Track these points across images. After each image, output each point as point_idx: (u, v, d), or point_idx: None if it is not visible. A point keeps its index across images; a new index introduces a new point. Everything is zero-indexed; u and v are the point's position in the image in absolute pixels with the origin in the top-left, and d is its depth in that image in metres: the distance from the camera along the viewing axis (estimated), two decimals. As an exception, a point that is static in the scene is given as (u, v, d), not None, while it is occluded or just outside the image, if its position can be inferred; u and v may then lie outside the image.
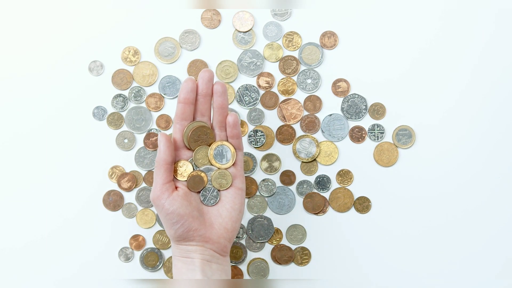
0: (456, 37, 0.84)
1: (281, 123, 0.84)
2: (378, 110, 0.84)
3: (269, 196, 0.84)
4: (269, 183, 0.84)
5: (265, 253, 0.84)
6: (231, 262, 0.84)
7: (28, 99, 0.85)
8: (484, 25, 0.84)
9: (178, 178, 0.72)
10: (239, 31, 0.84)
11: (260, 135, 0.84)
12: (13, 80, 0.85)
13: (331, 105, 0.84)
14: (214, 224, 0.72)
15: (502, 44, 0.84)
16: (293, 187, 0.84)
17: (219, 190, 0.73)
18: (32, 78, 0.85)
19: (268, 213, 0.85)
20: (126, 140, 0.85)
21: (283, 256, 0.84)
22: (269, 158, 0.84)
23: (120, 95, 0.85)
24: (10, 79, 0.85)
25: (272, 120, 0.84)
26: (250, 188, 0.84)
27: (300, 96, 0.84)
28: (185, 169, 0.72)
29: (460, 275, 0.84)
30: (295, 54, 0.84)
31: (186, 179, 0.72)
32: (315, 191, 0.84)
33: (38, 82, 0.85)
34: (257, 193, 0.84)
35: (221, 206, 0.73)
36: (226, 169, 0.73)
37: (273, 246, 0.84)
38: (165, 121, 0.84)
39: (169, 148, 0.70)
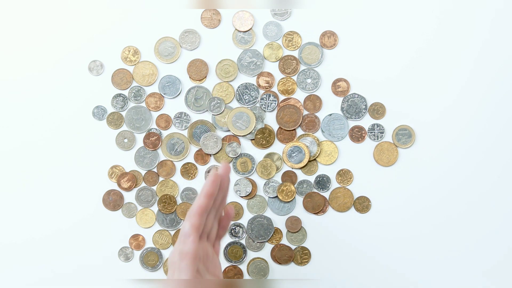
0: (454, 36, 0.84)
1: (281, 123, 0.84)
2: (378, 110, 0.84)
3: (274, 197, 0.84)
4: (274, 183, 0.84)
5: (265, 252, 0.84)
6: (231, 261, 0.84)
7: (28, 99, 0.85)
8: (482, 25, 0.84)
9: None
10: (239, 31, 0.84)
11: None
12: (13, 80, 0.85)
13: (331, 104, 0.84)
14: None
15: (500, 44, 0.84)
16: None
17: None
18: (32, 77, 0.85)
19: (268, 213, 0.84)
20: (126, 140, 0.85)
21: (283, 256, 0.84)
22: (271, 156, 0.84)
23: (120, 95, 0.85)
24: (10, 79, 0.85)
25: (272, 120, 0.84)
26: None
27: (300, 95, 0.84)
28: None
29: (460, 274, 0.84)
30: (295, 53, 0.84)
31: None
32: (315, 190, 0.84)
33: (38, 81, 0.85)
34: (258, 193, 0.84)
35: None
36: None
37: (273, 245, 0.84)
38: (164, 121, 0.84)
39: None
